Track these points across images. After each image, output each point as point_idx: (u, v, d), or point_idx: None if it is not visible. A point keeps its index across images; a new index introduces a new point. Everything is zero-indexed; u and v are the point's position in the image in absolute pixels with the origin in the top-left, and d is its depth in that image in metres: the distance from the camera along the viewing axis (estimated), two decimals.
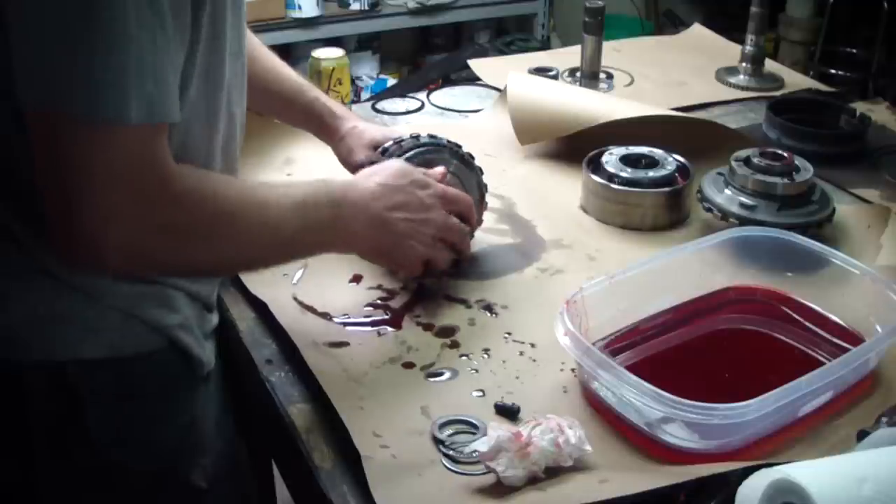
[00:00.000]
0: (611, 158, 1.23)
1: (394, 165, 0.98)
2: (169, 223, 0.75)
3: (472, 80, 1.73)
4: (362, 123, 1.16)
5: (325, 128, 1.17)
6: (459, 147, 1.09)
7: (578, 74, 1.63)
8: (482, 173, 1.10)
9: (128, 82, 0.68)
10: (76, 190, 0.70)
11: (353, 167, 1.14)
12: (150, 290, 0.84)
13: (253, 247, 0.85)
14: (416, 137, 1.08)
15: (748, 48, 1.69)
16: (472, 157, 1.10)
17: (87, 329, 0.82)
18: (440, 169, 1.03)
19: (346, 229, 0.90)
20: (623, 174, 1.20)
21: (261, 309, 1.01)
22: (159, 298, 0.86)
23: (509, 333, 0.98)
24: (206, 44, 0.79)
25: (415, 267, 0.98)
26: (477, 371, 0.93)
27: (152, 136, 0.72)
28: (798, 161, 1.16)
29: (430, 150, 1.07)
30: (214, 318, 0.96)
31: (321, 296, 1.03)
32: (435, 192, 0.98)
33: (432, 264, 0.99)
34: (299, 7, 2.82)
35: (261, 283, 1.03)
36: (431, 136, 1.09)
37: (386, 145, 1.08)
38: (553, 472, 0.77)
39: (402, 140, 1.08)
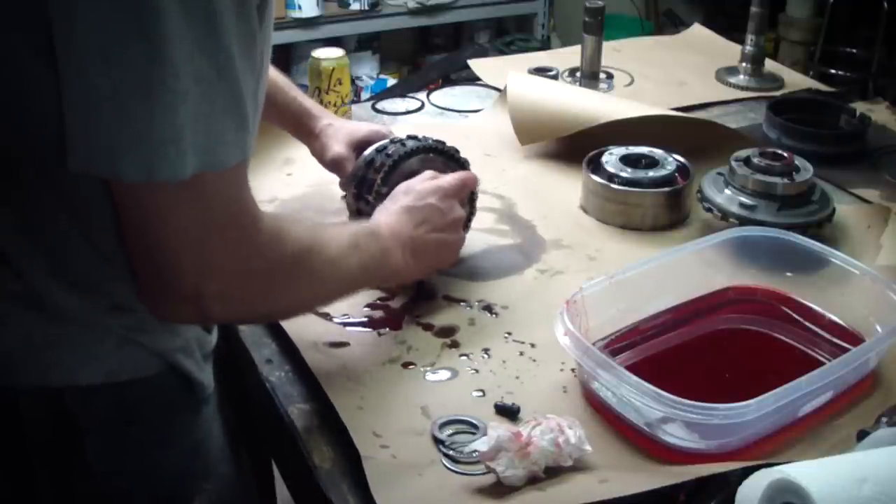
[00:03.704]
0: (611, 158, 1.23)
1: (400, 187, 1.01)
2: (260, 267, 0.76)
3: (472, 80, 1.73)
4: (338, 121, 1.18)
5: (301, 127, 1.17)
6: (443, 143, 1.09)
7: (578, 74, 1.63)
8: (468, 166, 1.10)
9: (183, 141, 0.66)
10: (161, 249, 0.70)
11: (329, 163, 1.14)
12: (148, 315, 0.82)
13: (325, 285, 0.87)
14: (399, 143, 1.08)
15: (748, 48, 1.69)
16: (457, 152, 1.10)
17: (84, 355, 0.79)
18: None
19: (392, 260, 0.93)
20: (623, 174, 1.20)
21: None
22: (157, 323, 0.83)
23: (509, 333, 0.98)
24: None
25: (454, 259, 1.05)
26: (477, 371, 0.93)
27: (227, 182, 0.70)
28: (798, 161, 1.16)
29: (418, 151, 1.06)
30: (214, 337, 0.94)
31: None
32: (446, 193, 1.00)
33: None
34: (299, 7, 2.82)
35: None
36: (411, 137, 1.09)
37: (373, 157, 1.07)
38: (553, 472, 0.77)
39: (385, 148, 1.07)
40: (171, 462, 0.87)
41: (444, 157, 1.08)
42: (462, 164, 1.09)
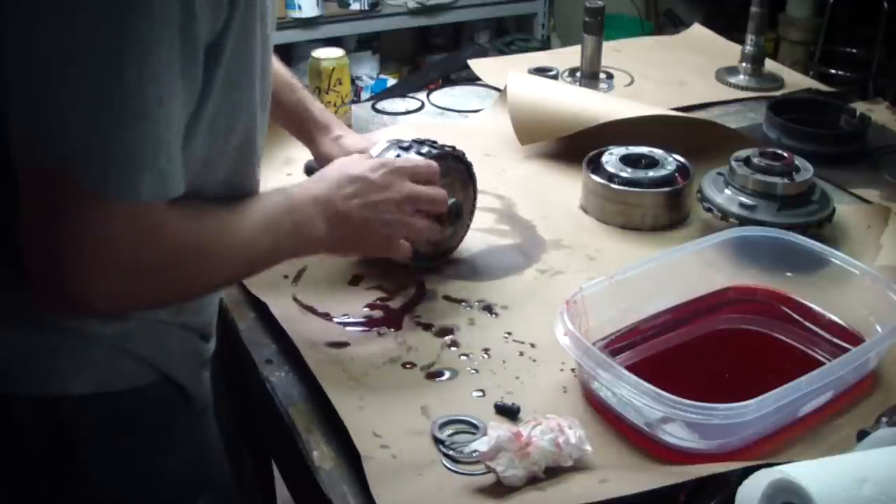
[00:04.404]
0: (611, 158, 1.23)
1: (342, 161, 0.96)
2: (155, 268, 0.75)
3: (472, 80, 1.73)
4: (343, 132, 1.13)
5: (304, 133, 1.14)
6: (434, 142, 1.06)
7: (578, 74, 1.63)
8: (471, 167, 1.08)
9: (144, 160, 0.68)
10: (68, 251, 0.69)
11: None
12: (140, 325, 0.82)
13: (231, 274, 0.86)
14: (406, 148, 1.04)
15: (748, 48, 1.69)
16: (464, 154, 1.07)
17: (77, 364, 0.80)
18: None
19: (309, 234, 0.88)
20: (623, 174, 1.20)
21: (261, 309, 1.01)
22: (150, 333, 0.84)
23: (509, 333, 0.98)
24: (221, 97, 0.77)
25: (394, 249, 0.95)
26: (477, 371, 0.93)
27: (130, 209, 0.71)
28: (798, 161, 1.16)
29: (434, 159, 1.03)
30: (212, 345, 0.94)
31: (321, 296, 1.03)
32: (389, 169, 0.94)
33: (414, 239, 0.97)
34: (299, 7, 2.82)
35: (261, 283, 1.03)
36: (417, 142, 1.05)
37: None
38: (553, 472, 0.77)
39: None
40: (168, 470, 0.87)
41: (458, 163, 1.06)
42: (463, 163, 1.07)
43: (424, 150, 1.04)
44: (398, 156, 1.03)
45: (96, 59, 0.65)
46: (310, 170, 1.18)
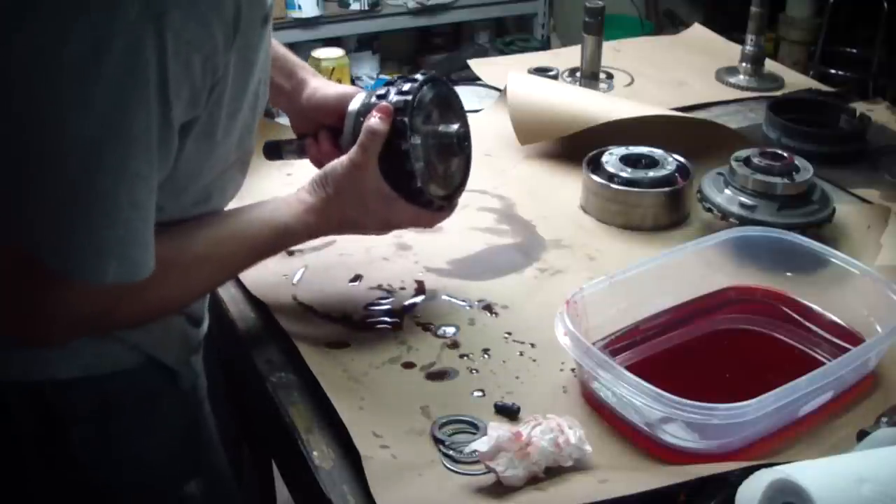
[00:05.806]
0: (611, 158, 1.23)
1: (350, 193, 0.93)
2: (115, 326, 0.81)
3: (472, 80, 1.73)
4: (314, 92, 1.04)
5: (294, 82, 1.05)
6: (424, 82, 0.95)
7: (578, 74, 1.63)
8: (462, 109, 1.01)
9: (113, 251, 0.71)
10: (29, 308, 0.73)
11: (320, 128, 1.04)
12: None
13: (206, 289, 0.92)
14: (383, 96, 0.94)
15: (748, 48, 1.69)
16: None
17: (60, 349, 0.81)
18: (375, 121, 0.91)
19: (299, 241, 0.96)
20: (623, 174, 1.20)
21: (261, 309, 1.01)
22: None
23: (509, 333, 0.98)
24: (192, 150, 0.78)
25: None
26: (477, 371, 0.93)
27: (87, 289, 0.74)
28: (798, 161, 1.16)
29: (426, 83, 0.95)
30: (203, 329, 0.95)
31: (321, 296, 1.03)
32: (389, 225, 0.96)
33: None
34: (299, 7, 2.82)
35: (261, 283, 1.03)
36: (388, 91, 0.95)
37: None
38: (553, 472, 0.77)
39: (388, 95, 0.94)
40: (158, 453, 0.88)
41: (446, 87, 0.99)
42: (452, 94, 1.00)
43: (406, 86, 0.93)
44: (381, 97, 0.93)
45: (75, 162, 0.68)
46: (270, 148, 1.09)
